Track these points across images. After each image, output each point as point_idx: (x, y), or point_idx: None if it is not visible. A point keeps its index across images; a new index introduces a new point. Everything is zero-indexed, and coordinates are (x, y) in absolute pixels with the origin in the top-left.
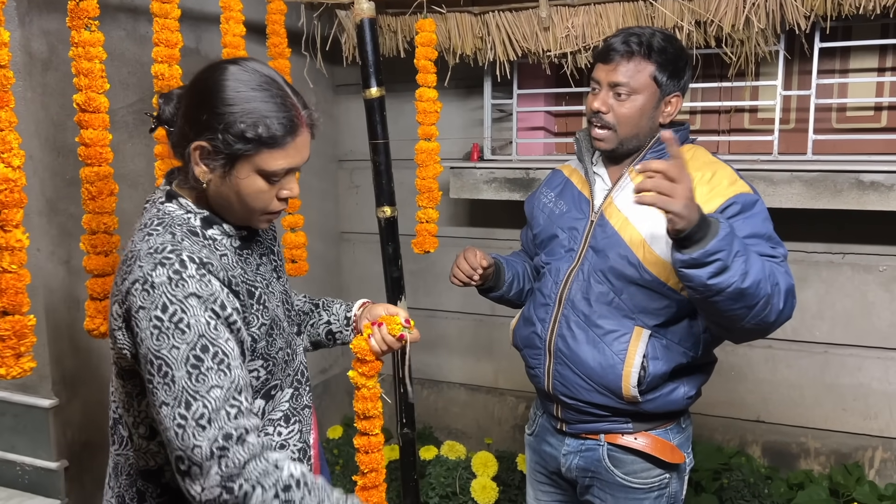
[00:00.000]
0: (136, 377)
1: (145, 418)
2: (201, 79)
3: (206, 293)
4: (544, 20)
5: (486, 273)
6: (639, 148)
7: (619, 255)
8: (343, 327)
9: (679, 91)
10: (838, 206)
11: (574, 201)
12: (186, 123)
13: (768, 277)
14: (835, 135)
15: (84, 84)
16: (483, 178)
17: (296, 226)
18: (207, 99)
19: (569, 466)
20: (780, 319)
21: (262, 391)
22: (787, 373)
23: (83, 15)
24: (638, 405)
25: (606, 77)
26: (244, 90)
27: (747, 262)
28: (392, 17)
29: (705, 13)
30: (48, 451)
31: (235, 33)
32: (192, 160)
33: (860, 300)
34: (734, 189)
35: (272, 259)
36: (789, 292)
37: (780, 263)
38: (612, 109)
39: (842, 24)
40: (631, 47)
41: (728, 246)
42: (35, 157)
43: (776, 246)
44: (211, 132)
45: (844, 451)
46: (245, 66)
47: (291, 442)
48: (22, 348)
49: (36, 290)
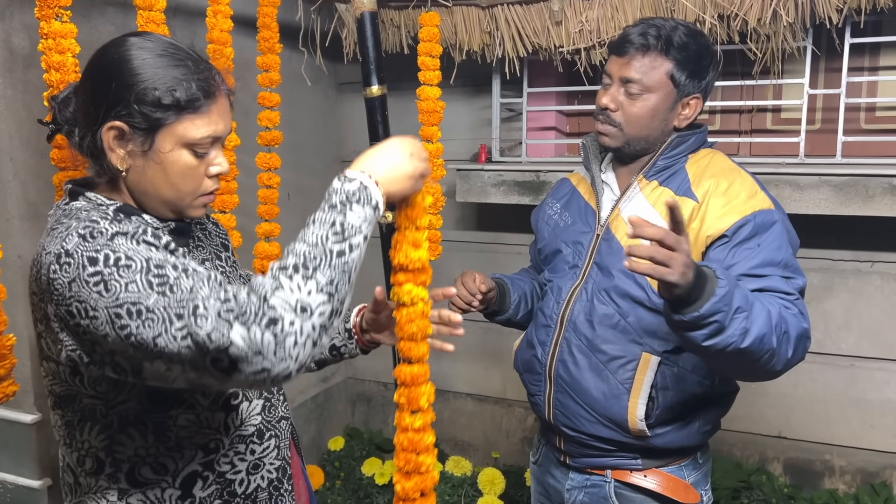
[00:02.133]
0: (73, 402)
1: (90, 449)
2: (100, 57)
3: (130, 229)
4: (556, 14)
5: (487, 297)
6: (648, 150)
7: (625, 274)
8: (346, 340)
9: (700, 93)
10: (870, 213)
11: (580, 213)
12: (93, 106)
13: (775, 329)
14: (864, 136)
15: (55, 79)
16: (491, 181)
17: (271, 235)
18: (113, 74)
19: (573, 502)
20: (789, 366)
21: (220, 401)
22: (812, 387)
23: (52, 4)
24: (646, 440)
25: (619, 71)
26: (150, 57)
27: (749, 317)
28: (395, 10)
29: (730, 6)
30: (30, 469)
31: (223, 28)
32: (106, 145)
33: (890, 311)
34: (752, 205)
35: (219, 265)
36: (801, 338)
37: (795, 302)
38: (622, 107)
39: (871, 19)
40: (648, 41)
41: (726, 306)
42: (16, 158)
43: (792, 277)
44: (123, 108)
45: (871, 469)
46: (146, 36)
47: (267, 460)
48: (1, 371)
49: (17, 299)
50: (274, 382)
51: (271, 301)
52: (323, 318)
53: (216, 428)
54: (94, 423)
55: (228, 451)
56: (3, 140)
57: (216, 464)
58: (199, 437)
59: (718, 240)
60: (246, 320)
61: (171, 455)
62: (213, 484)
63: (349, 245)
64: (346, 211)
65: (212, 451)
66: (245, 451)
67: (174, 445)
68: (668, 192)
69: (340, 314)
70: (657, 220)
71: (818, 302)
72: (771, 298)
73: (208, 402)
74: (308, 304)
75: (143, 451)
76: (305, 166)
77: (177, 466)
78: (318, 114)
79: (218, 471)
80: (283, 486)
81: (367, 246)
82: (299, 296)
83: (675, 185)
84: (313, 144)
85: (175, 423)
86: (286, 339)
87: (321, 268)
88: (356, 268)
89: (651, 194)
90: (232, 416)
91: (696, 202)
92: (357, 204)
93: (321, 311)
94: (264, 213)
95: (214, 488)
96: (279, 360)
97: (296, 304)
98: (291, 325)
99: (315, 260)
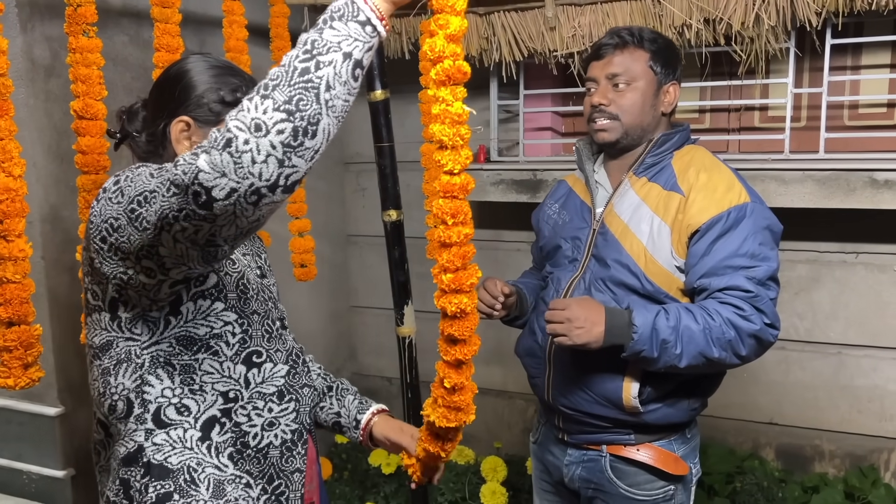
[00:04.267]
0: (110, 348)
1: (122, 391)
2: (170, 68)
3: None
4: (550, 20)
5: (508, 302)
6: (642, 140)
7: (619, 264)
8: (352, 428)
9: (676, 80)
10: (852, 206)
11: (577, 211)
12: (163, 107)
13: (714, 342)
14: (847, 132)
15: (82, 90)
16: (490, 180)
17: (304, 230)
18: (182, 79)
19: (571, 477)
20: (749, 360)
21: (243, 354)
22: (801, 374)
23: (81, 21)
24: (639, 416)
25: (602, 71)
26: (211, 68)
27: (679, 343)
28: (396, 18)
29: (714, 10)
30: (54, 460)
31: (238, 37)
32: (174, 137)
33: (875, 300)
34: (728, 200)
35: (256, 260)
36: (752, 337)
37: (752, 299)
38: (614, 101)
39: (853, 21)
40: (623, 38)
41: (646, 345)
42: (38, 164)
43: (758, 265)
44: (193, 104)
45: (860, 453)
46: (204, 55)
47: (283, 421)
48: (29, 358)
49: (41, 298)
50: (252, 206)
51: (229, 124)
52: (283, 135)
53: (236, 379)
54: (128, 365)
55: (247, 405)
56: (25, 146)
57: (234, 413)
58: (221, 385)
59: (696, 233)
60: (209, 149)
61: (193, 398)
62: (229, 431)
63: (316, 62)
64: (324, 28)
65: (231, 399)
66: (263, 408)
67: (197, 388)
68: (656, 187)
69: (313, 134)
70: (647, 213)
71: (806, 292)
72: (719, 306)
73: (231, 352)
74: (263, 121)
75: (170, 392)
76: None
77: (198, 409)
78: None
79: (234, 420)
80: (297, 448)
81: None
82: (255, 114)
83: (663, 181)
84: None
85: (200, 366)
86: (242, 157)
87: (280, 86)
88: (330, 85)
89: (641, 189)
90: (253, 372)
91: (682, 195)
92: (339, 21)
93: (279, 129)
94: (294, 212)
95: (230, 436)
96: (242, 178)
97: (250, 123)
98: (246, 143)
99: (276, 79)
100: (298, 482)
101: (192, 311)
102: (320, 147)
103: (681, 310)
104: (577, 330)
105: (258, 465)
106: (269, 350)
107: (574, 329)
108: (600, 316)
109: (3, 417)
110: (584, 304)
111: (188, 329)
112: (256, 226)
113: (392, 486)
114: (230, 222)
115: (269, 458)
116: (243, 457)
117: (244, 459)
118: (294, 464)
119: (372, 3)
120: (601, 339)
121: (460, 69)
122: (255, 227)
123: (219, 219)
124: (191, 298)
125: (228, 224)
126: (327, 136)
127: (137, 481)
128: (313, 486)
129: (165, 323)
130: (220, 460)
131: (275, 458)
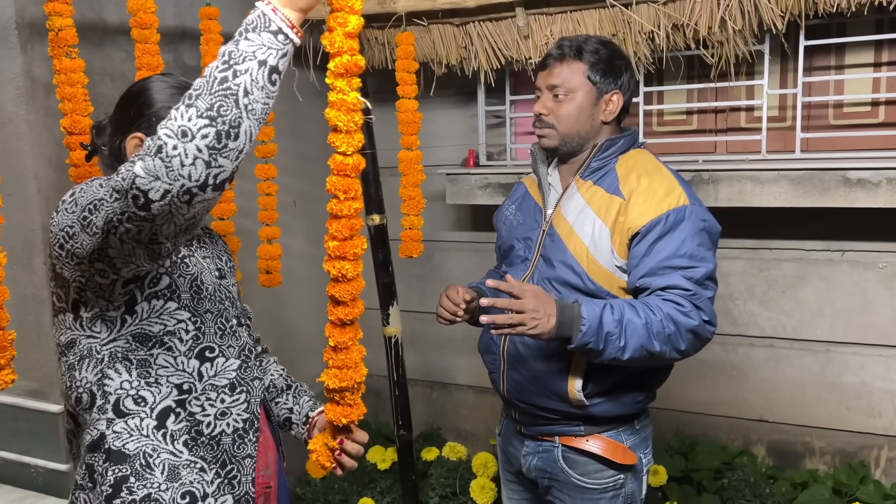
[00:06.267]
0: (74, 346)
1: (86, 385)
2: (129, 88)
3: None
4: (522, 28)
5: (471, 306)
6: (583, 146)
7: (564, 264)
8: (301, 424)
9: (618, 89)
10: (825, 205)
11: (530, 212)
12: (120, 124)
13: (655, 336)
14: (827, 132)
15: (69, 108)
16: (477, 184)
17: (273, 237)
18: (136, 99)
19: (528, 467)
20: (688, 354)
21: (196, 350)
22: (790, 372)
23: (63, 43)
24: (586, 409)
25: (545, 81)
26: (167, 87)
27: (623, 336)
28: (378, 30)
29: (681, 17)
30: (58, 454)
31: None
32: (128, 153)
33: (860, 297)
34: (667, 203)
35: (219, 264)
36: (690, 332)
37: (691, 297)
38: (553, 111)
39: (836, 21)
40: (563, 51)
41: (593, 337)
42: (39, 175)
43: (696, 266)
44: (145, 122)
45: (849, 450)
46: (165, 76)
47: (235, 411)
48: (2, 361)
49: (44, 302)
50: (185, 204)
51: (159, 133)
52: (207, 139)
53: (190, 372)
54: (90, 361)
55: (200, 396)
56: (27, 159)
57: (188, 403)
58: (175, 378)
59: (636, 235)
60: (143, 156)
61: (150, 389)
62: (183, 420)
63: (234, 71)
64: (240, 40)
65: (185, 391)
66: (216, 399)
67: (153, 381)
68: (600, 190)
69: (235, 136)
70: (591, 216)
71: (793, 290)
72: (660, 302)
73: (185, 348)
74: (188, 128)
75: (128, 385)
76: (309, 173)
77: (154, 399)
78: (319, 124)
79: (189, 410)
80: (248, 436)
81: (268, 71)
82: (181, 122)
83: (607, 185)
84: (315, 152)
85: (155, 361)
86: (172, 161)
87: (203, 95)
88: (248, 91)
89: (586, 193)
90: (206, 366)
91: (623, 199)
92: (253, 32)
93: (203, 134)
94: (265, 219)
95: (185, 424)
96: (174, 180)
97: (177, 130)
98: (174, 148)
99: (199, 89)
100: (250, 467)
101: (146, 310)
102: (244, 147)
103: (625, 305)
104: (533, 321)
105: (212, 452)
106: (222, 346)
107: (531, 320)
108: (553, 308)
109: (13, 415)
110: (539, 296)
111: (143, 327)
112: (193, 223)
113: (387, 482)
114: (168, 221)
115: (222, 445)
116: (197, 444)
117: (198, 446)
118: (245, 450)
119: (282, 14)
120: (554, 331)
121: (356, 63)
122: (193, 224)
123: (157, 218)
124: (145, 299)
125: (167, 223)
126: (249, 136)
127: (100, 465)
128: (270, 472)
129: (122, 321)
130: (176, 447)
131: (227, 444)
